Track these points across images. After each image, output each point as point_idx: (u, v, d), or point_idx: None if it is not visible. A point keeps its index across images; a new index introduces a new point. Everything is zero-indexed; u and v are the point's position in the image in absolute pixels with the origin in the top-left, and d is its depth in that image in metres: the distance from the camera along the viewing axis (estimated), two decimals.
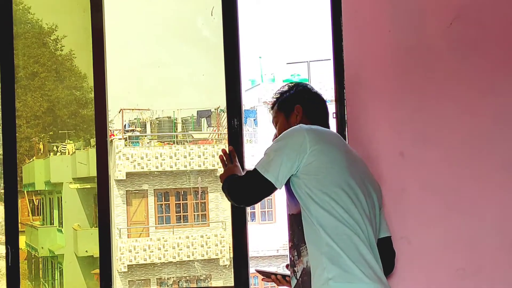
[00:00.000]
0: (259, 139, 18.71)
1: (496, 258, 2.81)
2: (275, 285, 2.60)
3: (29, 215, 13.60)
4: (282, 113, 2.62)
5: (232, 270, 3.16)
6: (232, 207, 3.08)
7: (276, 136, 2.57)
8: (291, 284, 2.37)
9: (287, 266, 2.55)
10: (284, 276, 2.46)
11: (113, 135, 14.70)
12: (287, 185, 2.36)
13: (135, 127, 15.18)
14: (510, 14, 2.84)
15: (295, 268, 2.33)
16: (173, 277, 15.09)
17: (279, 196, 19.33)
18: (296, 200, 2.33)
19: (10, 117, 3.22)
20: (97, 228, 3.14)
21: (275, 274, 2.48)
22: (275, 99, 2.68)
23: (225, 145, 14.70)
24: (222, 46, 3.03)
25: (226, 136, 3.11)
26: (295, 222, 2.35)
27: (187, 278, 15.12)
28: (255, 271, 2.59)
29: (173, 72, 14.49)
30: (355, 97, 2.88)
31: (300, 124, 2.42)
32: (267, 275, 2.51)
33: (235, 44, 3.04)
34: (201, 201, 15.43)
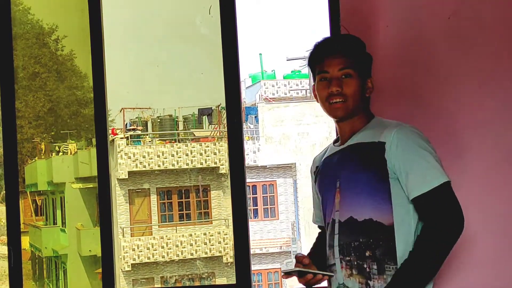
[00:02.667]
0: (260, 136, 18.73)
1: (498, 253, 2.81)
2: (278, 285, 2.42)
3: (32, 216, 13.63)
4: (358, 75, 2.22)
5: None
6: (233, 204, 3.09)
7: (335, 85, 2.17)
8: None
9: (297, 257, 2.24)
10: (324, 274, 2.18)
11: (116, 134, 14.71)
12: (370, 187, 2.11)
13: (137, 126, 15.21)
14: (508, 8, 2.83)
15: (371, 282, 2.10)
16: (176, 275, 15.12)
17: (281, 193, 19.36)
18: (386, 207, 2.08)
19: (10, 118, 3.23)
20: None
21: (314, 273, 2.15)
22: (350, 44, 2.25)
23: (225, 143, 14.68)
24: (221, 44, 3.03)
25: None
26: (382, 233, 2.08)
27: (191, 276, 15.16)
28: (284, 273, 2.22)
29: (172, 70, 14.52)
30: None
31: (413, 126, 2.18)
32: (302, 274, 2.17)
33: (233, 42, 3.05)
34: (203, 198, 15.46)
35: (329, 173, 2.24)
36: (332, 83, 2.18)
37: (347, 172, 2.16)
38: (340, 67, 2.19)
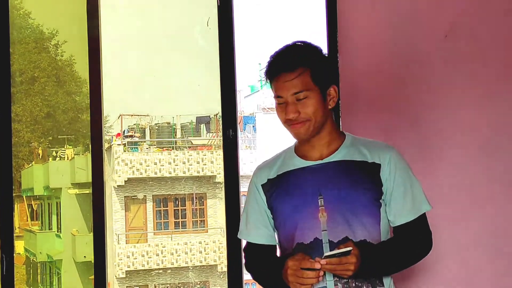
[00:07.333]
0: (258, 145, 18.71)
1: (487, 267, 2.82)
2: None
3: (27, 220, 13.59)
4: (318, 88, 2.00)
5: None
6: (227, 213, 3.09)
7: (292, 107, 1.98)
8: None
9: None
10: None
11: (119, 135, 14.68)
12: (366, 207, 2.02)
13: (134, 133, 15.19)
14: (504, 26, 2.85)
15: None
16: (170, 283, 15.08)
17: None
18: (376, 228, 2.03)
19: (6, 123, 3.23)
20: None
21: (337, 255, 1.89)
22: (301, 55, 1.99)
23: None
24: (218, 56, 3.04)
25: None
26: None
27: (185, 284, 15.11)
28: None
29: (169, 81, 14.56)
30: (350, 107, 2.89)
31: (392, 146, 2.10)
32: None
33: (230, 55, 3.06)
34: (199, 207, 15.43)
35: (302, 189, 2.05)
36: (287, 109, 2.00)
37: (336, 190, 2.02)
38: (293, 91, 1.98)
